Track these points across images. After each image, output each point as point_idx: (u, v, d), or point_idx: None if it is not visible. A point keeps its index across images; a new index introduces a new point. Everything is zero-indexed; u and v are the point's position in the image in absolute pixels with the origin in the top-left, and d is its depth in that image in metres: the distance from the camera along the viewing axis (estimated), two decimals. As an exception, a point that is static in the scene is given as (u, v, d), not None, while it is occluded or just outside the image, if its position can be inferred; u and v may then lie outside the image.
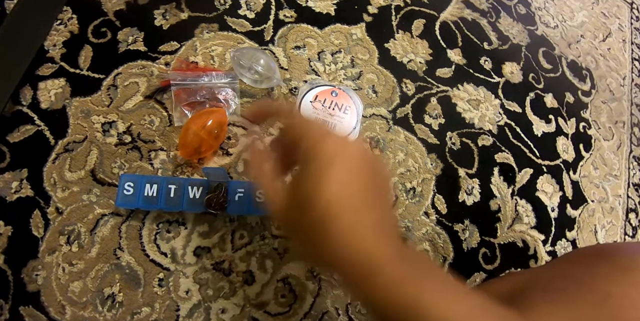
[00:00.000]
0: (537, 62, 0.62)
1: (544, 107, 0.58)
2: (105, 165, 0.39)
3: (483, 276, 0.45)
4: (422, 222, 0.45)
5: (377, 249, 0.20)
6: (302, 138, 0.22)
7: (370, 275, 0.19)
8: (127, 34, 0.45)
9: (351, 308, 0.40)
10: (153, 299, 0.36)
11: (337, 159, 0.20)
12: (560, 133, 0.58)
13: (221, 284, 0.38)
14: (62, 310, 0.35)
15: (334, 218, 0.20)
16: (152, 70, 0.44)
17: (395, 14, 0.55)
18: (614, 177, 0.60)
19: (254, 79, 0.43)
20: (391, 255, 0.20)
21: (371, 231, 0.20)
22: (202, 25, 0.47)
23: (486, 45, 0.59)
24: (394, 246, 0.21)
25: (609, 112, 0.65)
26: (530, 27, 0.65)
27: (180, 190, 0.37)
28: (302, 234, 0.22)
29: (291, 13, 0.51)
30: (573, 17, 0.72)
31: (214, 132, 0.39)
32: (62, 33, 0.44)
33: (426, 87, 0.52)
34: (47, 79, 0.42)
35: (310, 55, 0.49)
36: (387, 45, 0.53)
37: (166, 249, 0.38)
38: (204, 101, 0.42)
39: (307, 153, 0.21)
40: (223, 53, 0.46)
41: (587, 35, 0.71)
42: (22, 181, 0.38)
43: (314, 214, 0.20)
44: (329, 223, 0.20)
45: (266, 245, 0.40)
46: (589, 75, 0.66)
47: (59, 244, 0.37)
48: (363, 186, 0.21)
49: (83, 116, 0.41)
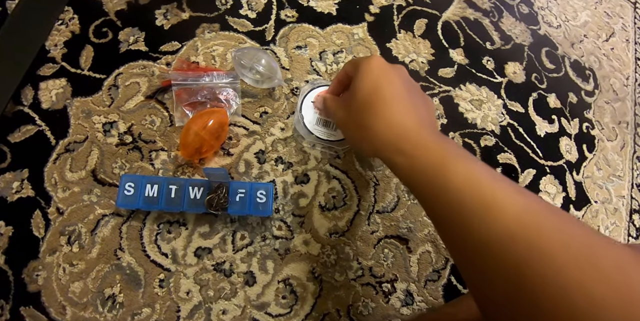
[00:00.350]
0: (540, 62, 0.61)
1: (547, 107, 0.58)
2: (106, 165, 0.39)
3: (485, 278, 0.45)
4: (424, 222, 0.45)
5: (419, 131, 0.26)
6: (356, 64, 0.31)
7: (413, 149, 0.25)
8: (128, 34, 0.45)
9: (352, 309, 0.40)
10: (154, 300, 0.36)
11: (384, 72, 0.29)
12: (563, 133, 0.57)
13: (222, 285, 0.38)
14: (63, 310, 0.35)
15: (388, 106, 0.27)
16: (153, 70, 0.43)
17: (397, 14, 0.55)
18: (617, 178, 0.60)
19: (255, 79, 0.43)
20: (432, 135, 0.26)
21: (418, 117, 0.27)
22: (203, 25, 0.47)
23: (489, 45, 0.58)
24: (433, 131, 0.26)
25: (612, 113, 0.65)
26: (533, 26, 0.64)
27: (181, 191, 0.36)
28: (360, 127, 0.28)
29: (292, 13, 0.50)
30: (576, 16, 0.72)
31: (215, 133, 0.39)
32: (64, 33, 0.44)
33: (428, 87, 0.52)
34: (48, 79, 0.42)
35: (312, 55, 0.49)
36: (389, 45, 0.53)
37: (167, 250, 0.38)
38: (205, 101, 0.42)
39: (360, 68, 0.29)
40: (224, 53, 0.46)
41: (590, 35, 0.71)
42: (23, 181, 0.38)
43: (372, 104, 0.28)
44: (386, 110, 0.27)
45: (267, 246, 0.40)
46: (592, 75, 0.66)
47: (59, 244, 0.37)
48: (405, 89, 0.28)
49: (84, 116, 0.41)
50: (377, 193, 0.44)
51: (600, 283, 0.16)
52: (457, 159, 0.23)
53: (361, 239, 0.42)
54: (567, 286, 0.16)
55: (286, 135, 0.44)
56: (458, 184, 0.21)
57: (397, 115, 0.26)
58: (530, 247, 0.18)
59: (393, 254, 0.43)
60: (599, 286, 0.16)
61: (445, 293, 0.43)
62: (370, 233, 0.43)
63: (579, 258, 0.17)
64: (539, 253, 0.17)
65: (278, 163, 0.43)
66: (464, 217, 0.21)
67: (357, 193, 0.44)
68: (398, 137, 0.26)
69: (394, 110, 0.27)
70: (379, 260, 0.42)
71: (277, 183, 0.42)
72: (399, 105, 0.27)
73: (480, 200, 0.20)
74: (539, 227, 0.18)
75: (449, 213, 0.22)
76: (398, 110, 0.27)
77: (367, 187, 0.44)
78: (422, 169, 0.23)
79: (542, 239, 0.18)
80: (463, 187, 0.21)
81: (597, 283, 0.16)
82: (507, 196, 0.20)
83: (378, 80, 0.28)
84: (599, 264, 0.17)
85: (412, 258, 0.43)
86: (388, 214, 0.44)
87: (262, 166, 0.42)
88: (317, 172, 0.43)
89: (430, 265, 0.43)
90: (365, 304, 0.40)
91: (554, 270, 0.17)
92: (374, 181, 0.45)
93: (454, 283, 0.43)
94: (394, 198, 0.45)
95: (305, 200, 0.42)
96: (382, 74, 0.28)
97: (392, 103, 0.27)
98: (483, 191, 0.20)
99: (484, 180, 0.21)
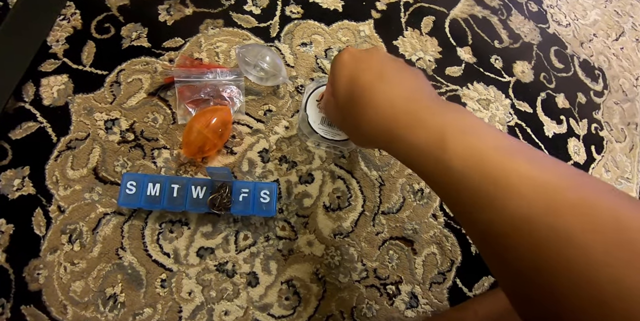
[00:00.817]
0: (548, 61, 0.60)
1: (555, 107, 0.57)
2: (107, 163, 0.39)
3: (491, 281, 0.44)
4: (430, 224, 0.44)
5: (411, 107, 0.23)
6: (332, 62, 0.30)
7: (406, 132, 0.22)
8: (130, 30, 0.44)
9: (356, 311, 0.39)
10: (155, 300, 0.36)
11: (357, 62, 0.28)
12: (571, 134, 0.56)
13: (224, 285, 0.37)
14: (64, 309, 0.35)
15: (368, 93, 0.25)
16: (155, 67, 0.43)
17: (404, 11, 0.54)
18: (625, 180, 0.59)
19: (260, 77, 0.42)
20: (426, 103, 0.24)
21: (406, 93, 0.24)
22: (206, 21, 0.46)
23: (497, 44, 0.57)
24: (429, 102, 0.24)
25: (621, 113, 0.64)
26: (541, 25, 0.63)
27: (183, 190, 0.36)
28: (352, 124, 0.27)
29: (298, 9, 0.50)
30: (585, 15, 0.70)
31: (218, 131, 0.38)
32: (65, 28, 0.43)
33: (435, 85, 0.51)
34: (49, 75, 0.41)
35: (317, 52, 0.48)
36: (395, 43, 0.52)
37: (169, 249, 0.37)
38: (208, 99, 0.41)
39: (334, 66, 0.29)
40: (228, 49, 0.45)
41: (599, 34, 0.69)
42: (24, 179, 0.37)
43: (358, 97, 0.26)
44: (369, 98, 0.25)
45: (270, 247, 0.39)
46: (601, 75, 0.64)
47: (60, 243, 0.36)
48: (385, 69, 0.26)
49: (86, 113, 0.40)
50: (382, 194, 0.44)
51: (629, 266, 0.14)
52: (457, 136, 0.20)
53: (366, 240, 0.42)
54: (592, 270, 0.15)
55: (290, 133, 0.43)
56: (461, 165, 0.19)
57: (382, 98, 0.24)
58: (548, 229, 0.16)
59: (398, 256, 0.42)
60: (628, 269, 0.14)
61: (450, 296, 0.42)
62: (375, 235, 0.42)
63: (605, 236, 0.15)
64: (558, 235, 0.15)
65: (282, 162, 0.42)
66: (472, 200, 0.19)
67: (362, 194, 0.43)
68: (389, 122, 0.23)
69: (378, 96, 0.24)
70: (384, 261, 0.41)
71: (281, 182, 0.41)
72: (380, 87, 0.25)
73: (488, 180, 0.18)
74: (556, 205, 0.16)
75: (456, 197, 0.20)
76: (382, 91, 0.25)
77: (372, 187, 0.44)
78: (420, 153, 0.21)
79: (561, 218, 0.16)
80: (466, 168, 0.19)
81: (626, 265, 0.14)
82: (519, 171, 0.18)
83: (353, 73, 0.27)
84: (627, 242, 0.15)
85: (417, 260, 0.42)
86: (393, 215, 0.43)
87: (266, 165, 0.42)
88: (321, 171, 0.43)
89: (436, 267, 0.43)
90: (369, 306, 0.40)
91: (576, 252, 0.15)
92: (379, 181, 0.44)
93: (459, 285, 0.43)
94: (399, 199, 0.44)
95: (310, 200, 0.41)
96: (355, 65, 0.27)
97: (372, 89, 0.25)
98: (490, 169, 0.18)
99: (489, 156, 0.19)
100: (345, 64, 0.28)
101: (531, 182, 0.17)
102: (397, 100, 0.24)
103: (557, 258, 0.16)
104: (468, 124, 0.21)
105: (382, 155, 0.45)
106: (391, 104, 0.24)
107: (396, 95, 0.24)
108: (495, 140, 0.20)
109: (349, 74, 0.27)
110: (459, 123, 0.21)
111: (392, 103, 0.24)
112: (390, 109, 0.24)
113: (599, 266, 0.15)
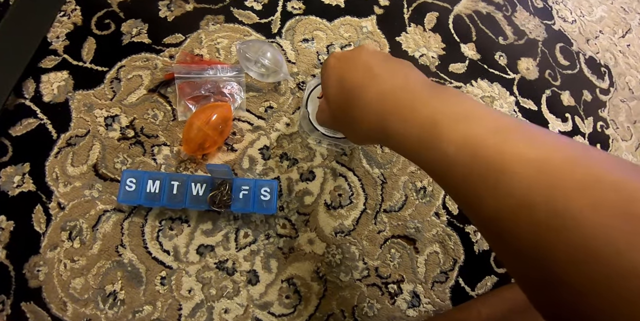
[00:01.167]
0: (554, 58, 0.59)
1: (560, 105, 0.56)
2: (107, 160, 0.39)
3: (494, 280, 0.44)
4: (432, 222, 0.43)
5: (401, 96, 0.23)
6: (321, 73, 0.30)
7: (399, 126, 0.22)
8: (131, 26, 0.44)
9: (357, 310, 0.39)
10: (155, 297, 0.36)
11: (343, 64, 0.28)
12: (577, 132, 0.55)
13: (224, 283, 0.37)
14: (64, 306, 0.34)
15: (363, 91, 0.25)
16: (156, 63, 0.42)
17: (407, 7, 0.53)
18: (632, 179, 0.58)
19: (261, 73, 0.41)
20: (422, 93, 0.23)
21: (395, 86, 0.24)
22: (207, 17, 0.46)
23: (501, 40, 0.57)
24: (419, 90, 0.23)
25: (627, 111, 0.63)
26: (547, 21, 0.62)
27: (183, 187, 0.36)
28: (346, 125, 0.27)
29: (299, 5, 0.49)
30: (592, 11, 0.69)
31: (219, 127, 0.38)
32: (66, 25, 0.43)
33: (439, 82, 0.50)
34: (49, 72, 0.41)
35: (319, 48, 0.47)
36: (398, 39, 0.51)
37: (169, 247, 0.37)
38: (209, 95, 0.41)
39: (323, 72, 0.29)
40: (229, 46, 0.45)
41: (606, 31, 0.68)
42: (24, 175, 0.37)
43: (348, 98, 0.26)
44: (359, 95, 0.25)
45: (271, 245, 0.39)
46: (607, 72, 0.63)
47: (60, 240, 0.36)
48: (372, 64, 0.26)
49: (86, 110, 0.40)
50: (384, 192, 0.43)
51: (637, 250, 0.13)
52: (451, 123, 0.20)
53: (367, 239, 0.41)
54: (597, 256, 0.14)
55: (292, 130, 0.43)
56: (456, 154, 0.19)
57: (372, 93, 0.24)
58: (549, 214, 0.15)
59: (400, 254, 0.42)
60: (636, 254, 0.13)
61: (452, 295, 0.42)
62: (377, 233, 0.42)
63: (611, 219, 0.14)
64: (561, 220, 0.15)
65: (283, 159, 0.42)
66: (471, 189, 0.18)
67: (363, 192, 0.43)
68: (381, 117, 0.23)
69: (367, 92, 0.24)
70: (386, 260, 0.41)
71: (281, 180, 0.41)
72: (369, 83, 0.25)
73: (487, 166, 0.17)
74: (558, 188, 0.16)
75: (455, 186, 0.19)
76: (371, 87, 0.24)
77: (374, 185, 0.43)
78: (414, 144, 0.21)
79: (564, 202, 0.15)
80: (463, 156, 0.18)
81: (634, 249, 0.13)
82: (518, 154, 0.17)
83: (340, 74, 0.27)
84: (635, 214, 0.14)
85: (419, 259, 0.42)
86: (395, 213, 0.43)
87: (267, 162, 0.41)
88: (323, 169, 0.42)
89: (438, 266, 0.42)
90: (371, 305, 0.39)
91: (580, 237, 0.14)
92: (381, 179, 0.43)
93: (461, 285, 0.42)
94: (401, 196, 0.43)
95: (311, 197, 0.41)
96: (342, 66, 0.27)
97: (362, 86, 0.25)
98: (487, 155, 0.18)
99: (486, 141, 0.18)
100: (333, 67, 0.28)
101: (533, 164, 0.17)
102: (386, 94, 0.24)
103: (561, 244, 0.15)
104: (461, 109, 0.20)
105: (384, 152, 0.45)
106: (382, 98, 0.24)
107: (385, 90, 0.24)
108: (490, 122, 0.19)
109: (337, 76, 0.27)
110: (452, 109, 0.20)
111: (382, 97, 0.24)
112: (380, 104, 0.23)
113: (605, 252, 0.14)
